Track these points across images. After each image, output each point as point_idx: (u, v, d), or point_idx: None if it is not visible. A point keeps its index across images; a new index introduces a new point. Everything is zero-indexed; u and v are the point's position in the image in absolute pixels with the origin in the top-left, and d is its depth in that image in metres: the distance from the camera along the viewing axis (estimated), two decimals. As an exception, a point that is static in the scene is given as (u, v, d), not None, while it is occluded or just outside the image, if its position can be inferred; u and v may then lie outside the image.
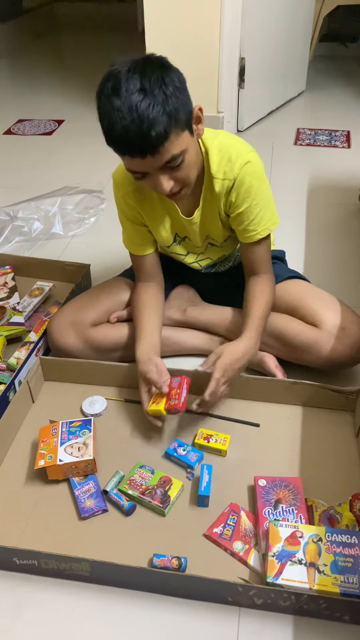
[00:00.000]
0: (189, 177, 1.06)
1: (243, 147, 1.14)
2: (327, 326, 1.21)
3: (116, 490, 1.07)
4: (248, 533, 0.99)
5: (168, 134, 0.94)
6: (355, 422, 1.19)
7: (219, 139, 1.14)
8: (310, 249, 1.80)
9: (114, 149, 0.99)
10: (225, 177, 1.13)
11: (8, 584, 0.96)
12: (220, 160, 1.12)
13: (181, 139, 0.98)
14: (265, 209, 1.17)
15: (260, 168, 1.15)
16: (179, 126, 0.97)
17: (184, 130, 0.99)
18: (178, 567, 0.94)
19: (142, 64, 0.94)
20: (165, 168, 1.00)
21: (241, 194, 1.14)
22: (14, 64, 3.90)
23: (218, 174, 1.13)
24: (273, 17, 2.53)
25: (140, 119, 0.91)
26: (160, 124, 0.92)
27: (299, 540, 0.93)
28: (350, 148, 2.48)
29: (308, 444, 1.16)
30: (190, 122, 1.01)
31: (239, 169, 1.12)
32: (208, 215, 1.20)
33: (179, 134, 0.97)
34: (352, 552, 0.90)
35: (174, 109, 0.94)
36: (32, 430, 1.21)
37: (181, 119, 0.97)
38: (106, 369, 1.29)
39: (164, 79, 0.93)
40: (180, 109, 0.96)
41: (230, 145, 1.13)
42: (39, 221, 1.90)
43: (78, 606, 0.93)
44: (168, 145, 0.95)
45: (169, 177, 1.02)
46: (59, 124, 2.85)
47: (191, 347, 1.38)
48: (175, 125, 0.95)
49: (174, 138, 0.96)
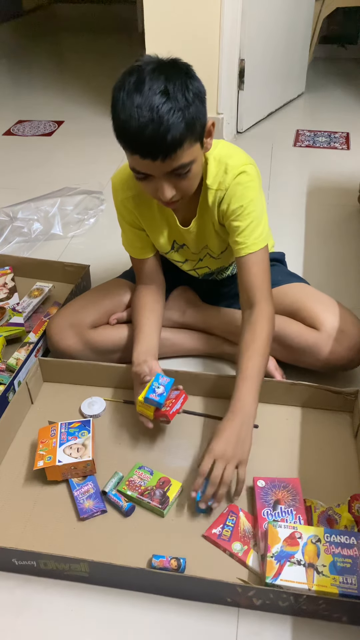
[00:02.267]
0: (191, 188, 1.05)
1: (241, 159, 1.12)
2: (327, 329, 1.21)
3: (115, 491, 1.07)
4: (247, 534, 0.99)
5: (183, 142, 0.93)
6: (354, 423, 1.20)
7: (219, 149, 1.12)
8: (310, 250, 1.81)
9: (124, 146, 0.97)
10: (218, 187, 1.11)
11: (7, 584, 0.96)
12: (217, 171, 1.11)
13: (193, 149, 0.97)
14: (258, 223, 1.13)
15: (254, 180, 1.12)
16: (193, 136, 0.96)
17: (197, 141, 0.98)
18: (177, 567, 0.94)
19: (168, 66, 0.93)
20: (171, 175, 0.98)
21: (232, 203, 1.11)
22: (13, 64, 3.90)
23: (213, 185, 1.12)
24: (273, 19, 2.54)
25: (159, 120, 0.89)
26: (178, 130, 0.91)
27: (298, 541, 0.93)
28: (349, 149, 2.48)
29: (307, 445, 1.17)
30: (203, 135, 1.00)
31: (232, 179, 1.10)
32: (205, 226, 1.19)
33: (192, 143, 0.96)
34: (350, 552, 0.90)
35: (192, 118, 0.93)
36: (31, 431, 1.21)
37: (197, 129, 0.96)
38: (105, 370, 1.29)
39: (187, 86, 0.92)
40: (198, 120, 0.95)
41: (229, 157, 1.12)
42: (39, 222, 1.90)
43: (77, 607, 0.93)
44: (180, 152, 0.94)
45: (172, 184, 1.00)
46: (58, 125, 2.86)
47: (190, 348, 1.38)
48: (190, 134, 0.94)
49: (187, 147, 0.95)
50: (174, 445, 1.18)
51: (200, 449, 1.17)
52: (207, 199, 1.13)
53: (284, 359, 1.29)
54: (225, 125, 2.55)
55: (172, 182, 1.00)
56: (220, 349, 1.36)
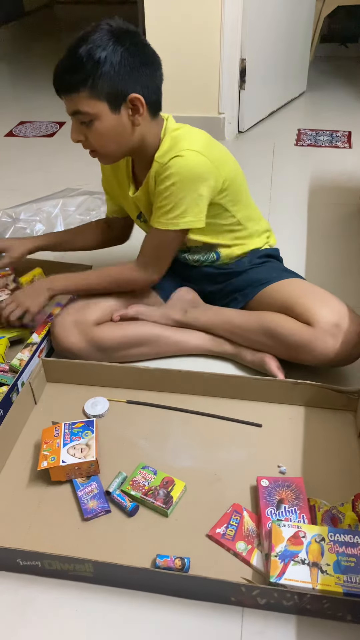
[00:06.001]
0: (101, 145, 1.16)
1: (191, 143, 1.17)
2: (321, 324, 1.20)
3: (119, 491, 1.07)
4: (251, 533, 0.99)
5: (79, 88, 1.06)
6: (357, 422, 1.19)
7: (182, 130, 1.21)
8: (312, 249, 1.81)
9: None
10: (161, 162, 1.18)
11: (11, 584, 0.96)
12: (167, 148, 1.18)
13: (93, 105, 1.08)
14: (176, 208, 1.18)
15: (191, 167, 1.15)
16: (95, 92, 1.07)
17: (102, 101, 1.08)
18: (181, 567, 0.94)
19: (124, 30, 1.08)
20: (75, 117, 1.12)
21: (160, 179, 1.19)
22: (15, 65, 3.91)
23: (159, 159, 1.19)
24: (273, 18, 2.54)
25: (69, 60, 1.06)
26: (78, 75, 1.05)
27: (302, 540, 0.93)
28: (351, 148, 2.48)
29: (310, 444, 1.17)
30: (118, 102, 1.10)
31: (169, 158, 1.16)
32: (149, 195, 1.26)
33: (92, 97, 1.07)
34: (354, 551, 0.90)
35: (100, 75, 1.05)
36: (34, 431, 1.21)
37: (102, 89, 1.07)
38: (108, 370, 1.29)
39: (117, 49, 1.05)
40: (107, 82, 1.06)
41: (182, 139, 1.18)
42: (41, 223, 1.90)
43: (81, 607, 0.93)
44: (76, 98, 1.08)
45: (81, 131, 1.13)
46: (60, 126, 2.86)
47: (193, 346, 1.38)
48: (91, 88, 1.06)
49: (85, 97, 1.07)
50: (178, 445, 1.18)
51: (203, 449, 1.17)
52: (152, 170, 1.21)
53: (281, 356, 1.29)
54: (226, 125, 2.55)
55: (80, 128, 1.13)
56: (222, 348, 1.36)
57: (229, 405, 1.25)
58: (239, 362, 1.36)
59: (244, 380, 1.26)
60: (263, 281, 1.33)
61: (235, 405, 1.25)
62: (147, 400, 1.27)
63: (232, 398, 1.26)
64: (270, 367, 1.28)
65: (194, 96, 2.47)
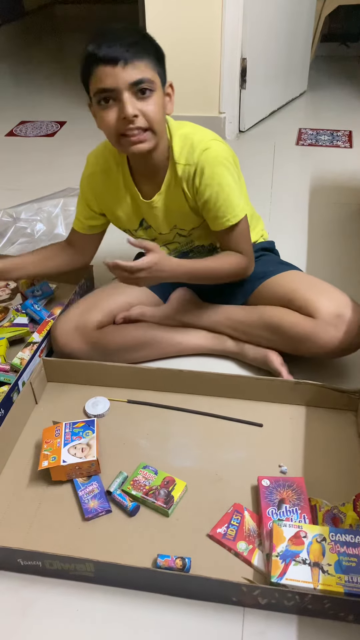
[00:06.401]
0: (156, 119, 1.08)
1: (205, 135, 1.18)
2: (323, 315, 1.19)
3: (120, 491, 1.07)
4: (252, 533, 0.99)
5: (146, 55, 1.03)
6: (359, 422, 1.19)
7: (186, 128, 1.19)
8: (313, 249, 1.80)
9: (89, 67, 1.05)
10: (187, 162, 1.16)
11: (12, 584, 0.96)
12: (182, 146, 1.16)
13: (153, 75, 1.04)
14: (232, 195, 1.18)
15: (221, 155, 1.17)
16: (156, 64, 1.05)
17: (158, 75, 1.06)
18: (182, 567, 0.94)
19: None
20: (133, 90, 1.04)
21: (203, 180, 1.16)
22: (15, 65, 3.91)
23: (180, 159, 1.17)
24: (274, 18, 2.53)
25: (130, 31, 1.04)
26: (145, 43, 1.03)
27: (303, 540, 0.93)
28: (352, 148, 2.48)
29: (311, 444, 1.17)
30: (163, 82, 1.08)
31: (199, 155, 1.15)
32: (172, 202, 1.23)
33: (154, 69, 1.04)
34: (356, 551, 0.90)
35: (158, 49, 1.05)
36: (35, 431, 1.21)
37: (160, 63, 1.06)
38: (109, 370, 1.29)
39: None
40: (162, 58, 1.06)
41: (194, 134, 1.17)
42: (42, 222, 1.90)
43: (82, 607, 0.93)
44: (141, 65, 1.02)
45: (135, 103, 1.05)
46: (61, 125, 2.86)
47: (196, 346, 1.38)
48: (156, 59, 1.05)
49: (149, 66, 1.03)
50: (179, 444, 1.18)
51: (204, 448, 1.17)
52: (176, 173, 1.18)
53: (284, 349, 1.28)
54: (227, 125, 2.55)
55: (135, 103, 1.05)
56: (224, 347, 1.36)
57: (230, 405, 1.25)
58: (242, 360, 1.36)
59: (244, 380, 1.26)
60: (260, 275, 1.33)
61: (236, 405, 1.25)
62: (148, 400, 1.27)
63: (233, 398, 1.26)
64: (273, 363, 1.27)
65: (195, 96, 2.47)
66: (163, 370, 1.29)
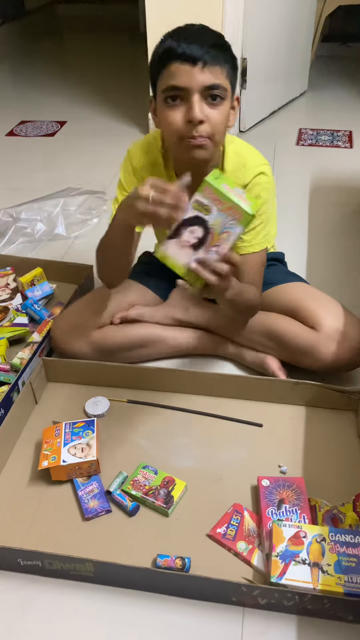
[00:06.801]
0: (220, 129, 1.03)
1: (259, 158, 1.16)
2: (326, 329, 1.20)
3: (120, 491, 1.07)
4: (251, 533, 0.99)
5: (226, 60, 0.99)
6: (358, 422, 1.19)
7: (237, 144, 1.15)
8: (313, 249, 1.80)
9: (164, 60, 0.99)
10: (236, 181, 1.12)
11: (12, 584, 0.96)
12: (235, 163, 1.13)
13: (227, 84, 1.01)
14: (266, 224, 1.17)
15: (271, 182, 1.16)
16: (230, 73, 1.01)
17: (231, 88, 1.02)
18: (182, 567, 0.94)
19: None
20: (204, 94, 0.99)
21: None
22: (16, 65, 3.90)
23: (230, 176, 1.12)
24: (275, 18, 2.53)
25: (214, 35, 1.00)
26: (227, 51, 1.00)
27: (303, 540, 0.93)
28: (352, 148, 2.48)
29: (311, 444, 1.17)
30: (232, 92, 1.04)
31: (251, 178, 1.12)
32: None
33: (228, 77, 1.01)
34: (355, 551, 0.90)
35: (236, 60, 1.03)
36: (35, 431, 1.21)
37: (234, 73, 1.02)
38: (109, 369, 1.29)
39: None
40: (236, 70, 1.03)
41: (248, 153, 1.15)
42: (42, 222, 1.90)
43: (82, 606, 0.93)
44: (218, 71, 0.98)
45: (204, 107, 0.99)
46: (61, 125, 2.86)
47: (195, 347, 1.37)
48: (232, 67, 1.01)
49: (225, 74, 1.00)
50: (178, 444, 1.18)
51: (204, 448, 1.17)
52: None
53: (284, 359, 1.29)
54: (227, 125, 2.55)
55: (203, 107, 1.00)
56: (223, 348, 1.36)
57: (230, 405, 1.25)
58: (240, 362, 1.36)
59: (244, 380, 1.26)
60: (267, 282, 1.32)
61: (236, 405, 1.25)
62: (148, 399, 1.27)
63: (233, 398, 1.26)
64: (271, 367, 1.27)
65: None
66: (163, 370, 1.29)
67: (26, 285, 1.57)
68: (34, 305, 1.49)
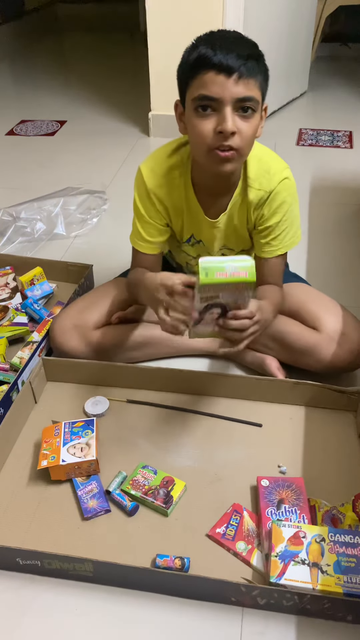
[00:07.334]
0: (249, 142, 1.01)
1: (280, 162, 1.16)
2: (328, 330, 1.21)
3: (119, 491, 1.07)
4: (251, 533, 0.99)
5: (259, 72, 0.97)
6: (358, 422, 1.19)
7: (257, 150, 1.13)
8: (313, 249, 1.80)
9: (197, 69, 0.96)
10: (261, 187, 1.13)
11: (11, 584, 0.96)
12: (258, 170, 1.13)
13: (259, 97, 0.99)
14: (292, 227, 1.18)
15: (295, 187, 1.16)
16: (262, 85, 0.99)
17: (262, 100, 1.00)
18: (181, 567, 0.94)
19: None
20: (237, 106, 0.97)
21: (273, 208, 1.14)
22: (16, 64, 3.90)
23: (254, 183, 1.13)
24: (275, 18, 2.53)
25: (250, 46, 0.98)
26: (261, 64, 0.98)
27: (302, 540, 0.93)
28: (352, 148, 2.48)
29: (311, 444, 1.17)
30: (262, 104, 1.02)
31: (277, 184, 1.12)
32: (234, 223, 1.19)
33: (259, 89, 0.98)
34: (355, 552, 0.90)
35: (268, 71, 1.00)
36: (34, 430, 1.21)
37: (265, 88, 1.00)
38: (109, 369, 1.29)
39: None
40: (267, 83, 1.00)
41: (270, 159, 1.14)
42: (42, 222, 1.90)
43: (81, 606, 0.93)
44: (251, 83, 0.96)
45: (235, 119, 0.97)
46: (61, 125, 2.86)
47: (193, 347, 1.37)
48: (263, 80, 0.99)
49: (257, 86, 0.98)
50: (178, 444, 1.18)
51: (204, 448, 1.17)
52: (247, 195, 1.14)
53: (285, 359, 1.29)
54: (227, 125, 2.55)
55: (235, 119, 0.97)
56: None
57: (230, 405, 1.25)
58: (239, 362, 1.36)
59: (244, 380, 1.26)
60: None
61: (235, 405, 1.25)
62: (148, 399, 1.27)
63: (232, 398, 1.26)
64: (270, 367, 1.27)
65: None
66: (163, 370, 1.29)
67: (26, 284, 1.57)
68: (34, 305, 1.48)
